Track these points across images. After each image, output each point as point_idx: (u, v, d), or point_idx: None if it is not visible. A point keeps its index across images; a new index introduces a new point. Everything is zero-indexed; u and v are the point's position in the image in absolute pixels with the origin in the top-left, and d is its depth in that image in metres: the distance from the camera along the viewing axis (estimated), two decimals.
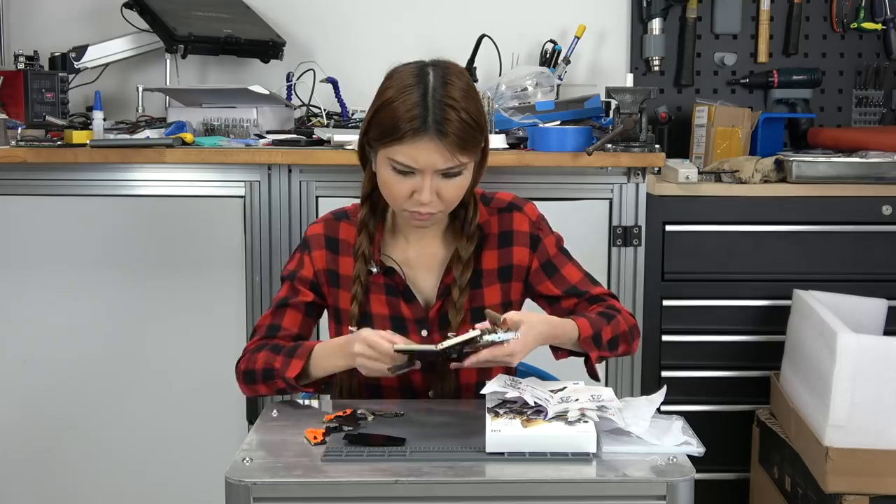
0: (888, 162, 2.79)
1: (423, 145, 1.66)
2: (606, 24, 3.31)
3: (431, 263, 1.85)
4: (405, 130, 1.66)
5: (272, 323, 1.85)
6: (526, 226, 1.87)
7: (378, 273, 1.83)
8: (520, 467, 1.44)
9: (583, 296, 1.86)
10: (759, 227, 2.81)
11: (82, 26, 3.26)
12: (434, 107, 1.66)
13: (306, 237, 1.90)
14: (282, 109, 2.98)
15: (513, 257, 1.86)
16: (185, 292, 2.76)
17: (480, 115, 1.73)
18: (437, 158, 1.67)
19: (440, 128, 1.66)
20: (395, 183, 1.71)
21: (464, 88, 1.71)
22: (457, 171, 1.71)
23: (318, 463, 1.46)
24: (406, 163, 1.68)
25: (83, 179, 2.72)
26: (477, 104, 1.73)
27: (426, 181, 1.69)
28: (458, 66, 1.76)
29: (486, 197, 1.90)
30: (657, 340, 2.83)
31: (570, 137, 2.67)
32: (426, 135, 1.66)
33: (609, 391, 1.61)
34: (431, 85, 1.68)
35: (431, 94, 1.67)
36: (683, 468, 1.44)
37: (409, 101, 1.67)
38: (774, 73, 3.28)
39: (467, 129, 1.68)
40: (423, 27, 3.30)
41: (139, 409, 2.79)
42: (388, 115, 1.68)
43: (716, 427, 2.74)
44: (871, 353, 2.32)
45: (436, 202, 1.72)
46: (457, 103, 1.67)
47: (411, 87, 1.68)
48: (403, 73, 1.73)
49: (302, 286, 1.86)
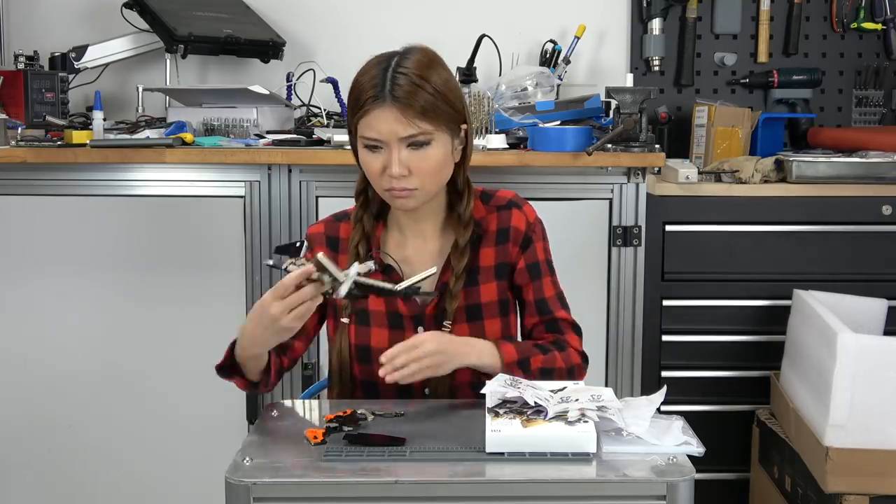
0: (888, 162, 2.80)
1: (382, 114, 1.70)
2: (606, 24, 3.31)
3: (429, 260, 1.85)
4: (364, 100, 1.71)
5: None
6: (522, 224, 1.88)
7: (376, 271, 1.83)
8: (520, 467, 1.44)
9: (546, 315, 1.87)
10: (759, 227, 2.81)
11: (82, 26, 3.26)
12: (391, 78, 1.71)
13: (307, 236, 1.91)
14: (282, 109, 2.98)
15: (507, 255, 1.87)
16: (185, 292, 2.76)
17: (447, 88, 1.75)
18: (397, 126, 1.71)
19: (396, 94, 1.70)
20: (369, 161, 1.76)
21: (425, 62, 1.75)
22: (422, 139, 1.73)
23: (318, 463, 1.46)
24: (372, 136, 1.73)
25: (83, 179, 2.72)
26: (441, 77, 1.75)
27: (394, 152, 1.72)
28: (429, 49, 1.80)
29: (486, 194, 1.90)
30: (657, 340, 2.83)
31: (570, 137, 2.67)
32: (384, 102, 1.70)
33: (609, 391, 1.61)
34: (394, 61, 1.74)
35: (391, 68, 1.72)
36: (683, 468, 1.44)
37: (370, 75, 1.73)
38: (774, 73, 3.28)
39: (426, 95, 1.71)
40: (423, 27, 3.29)
41: (139, 409, 2.79)
42: (353, 92, 1.75)
43: (716, 427, 2.74)
44: (871, 353, 2.33)
45: (409, 177, 1.74)
46: (414, 73, 1.71)
47: (373, 65, 1.75)
48: (374, 56, 1.79)
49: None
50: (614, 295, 2.75)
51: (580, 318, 1.93)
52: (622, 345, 2.76)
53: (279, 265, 1.64)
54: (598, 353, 2.75)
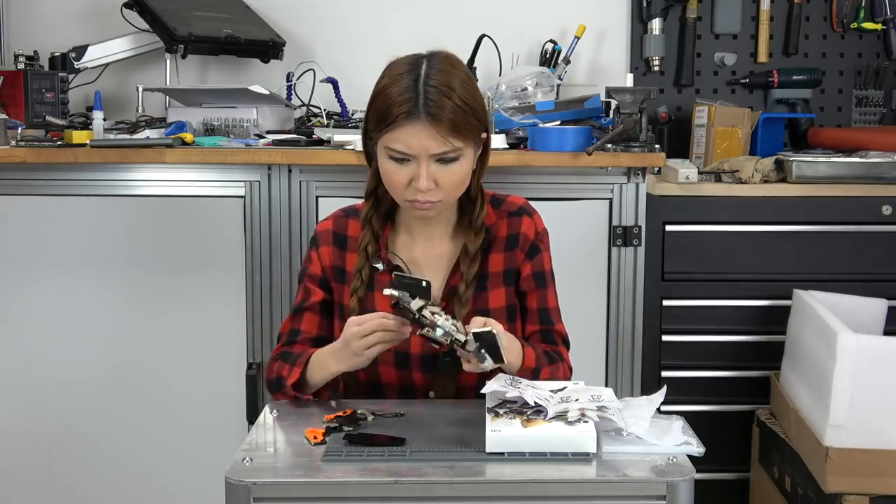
0: (888, 162, 2.79)
1: (415, 129, 1.67)
2: (606, 24, 3.31)
3: (438, 263, 1.85)
4: (396, 115, 1.67)
5: (292, 328, 1.88)
6: (531, 232, 1.87)
7: (384, 271, 1.83)
8: (520, 467, 1.44)
9: (546, 325, 1.88)
10: (759, 227, 2.81)
11: (82, 26, 3.26)
12: (424, 91, 1.67)
13: (316, 233, 1.90)
14: (282, 109, 2.98)
15: (515, 261, 1.87)
16: (185, 292, 2.76)
17: (475, 101, 1.73)
18: (430, 143, 1.68)
19: (430, 111, 1.67)
20: (393, 172, 1.72)
21: (456, 74, 1.72)
22: (452, 156, 1.71)
23: (318, 463, 1.46)
24: (400, 149, 1.69)
25: (83, 179, 2.72)
26: (471, 91, 1.73)
27: (422, 167, 1.69)
28: (453, 56, 1.77)
29: (496, 199, 1.89)
30: (657, 340, 2.83)
31: (570, 137, 2.67)
32: (417, 119, 1.67)
33: (609, 391, 1.61)
34: (424, 71, 1.70)
35: (423, 80, 1.69)
36: (683, 468, 1.44)
37: (400, 87, 1.68)
38: (774, 73, 3.28)
39: (459, 112, 1.68)
40: (423, 27, 3.30)
41: (139, 409, 2.79)
42: (381, 103, 1.70)
43: (716, 427, 2.74)
44: (871, 353, 2.32)
45: (434, 190, 1.72)
46: (447, 87, 1.69)
47: (403, 74, 1.70)
48: (398, 63, 1.75)
49: (312, 284, 1.87)
50: (614, 295, 2.75)
51: (580, 318, 1.94)
52: (622, 345, 2.76)
53: (406, 303, 1.61)
54: (598, 353, 2.75)
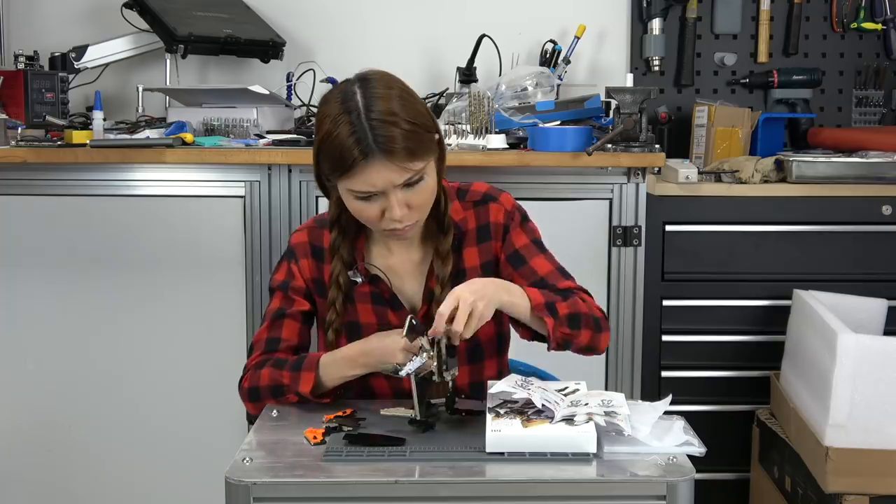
0: (888, 162, 2.80)
1: (373, 168, 1.62)
2: (606, 24, 3.31)
3: (414, 268, 1.83)
4: (350, 160, 1.61)
5: (270, 336, 1.83)
6: (501, 216, 1.83)
7: (364, 282, 1.81)
8: (520, 467, 1.44)
9: (550, 288, 1.80)
10: (759, 227, 2.81)
11: (82, 26, 3.26)
12: (370, 127, 1.61)
13: (291, 246, 1.86)
14: (282, 109, 2.98)
15: (490, 251, 1.84)
16: (185, 292, 2.76)
17: (420, 115, 1.67)
18: (392, 175, 1.63)
19: (383, 147, 1.60)
20: (363, 209, 1.68)
21: (393, 95, 1.65)
22: (417, 178, 1.66)
23: (318, 463, 1.46)
24: (364, 189, 1.65)
25: (83, 179, 2.72)
26: (414, 105, 1.67)
27: (392, 199, 1.65)
28: (385, 75, 1.71)
29: (460, 190, 1.86)
30: (657, 340, 2.83)
31: (570, 137, 2.67)
32: (373, 158, 1.61)
33: (620, 396, 1.59)
34: (362, 105, 1.63)
35: (365, 115, 1.62)
36: (683, 468, 1.44)
37: (345, 130, 1.61)
38: (774, 73, 3.28)
39: (410, 136, 1.62)
40: (423, 27, 3.30)
41: (139, 409, 2.79)
42: (330, 149, 1.64)
43: (716, 427, 2.75)
44: (871, 353, 2.32)
45: (408, 214, 1.68)
46: (391, 115, 1.62)
47: (341, 115, 1.63)
48: (331, 100, 1.68)
49: (297, 295, 1.84)
50: (614, 295, 2.75)
51: None
52: (622, 345, 2.76)
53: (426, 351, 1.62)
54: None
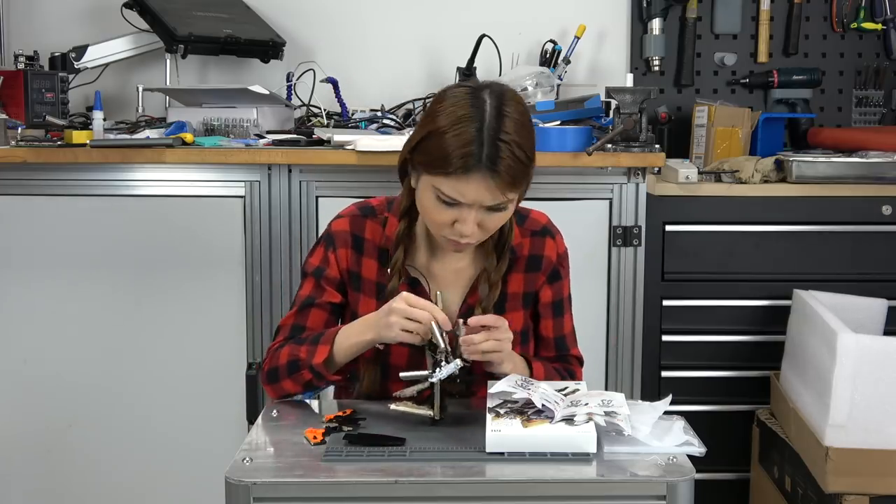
0: (888, 162, 2.80)
1: (472, 182, 1.59)
2: (606, 24, 3.31)
3: (456, 279, 1.80)
4: (456, 165, 1.58)
5: (296, 323, 1.80)
6: (554, 255, 1.84)
7: (402, 282, 1.76)
8: (520, 467, 1.44)
9: (562, 351, 1.86)
10: (759, 227, 2.81)
11: (82, 26, 3.26)
12: (488, 143, 1.58)
13: (332, 233, 1.82)
14: (282, 109, 2.98)
15: (535, 283, 1.83)
16: (186, 292, 2.76)
17: (532, 148, 1.65)
18: (486, 195, 1.61)
19: (493, 166, 1.58)
20: (437, 211, 1.65)
21: (519, 121, 1.62)
22: (503, 206, 1.65)
23: (318, 463, 1.46)
24: (453, 196, 1.61)
25: (83, 179, 2.72)
26: (531, 136, 1.64)
27: (471, 214, 1.63)
28: (514, 93, 1.67)
29: (519, 214, 1.83)
30: (657, 340, 2.83)
31: (570, 137, 2.67)
32: (478, 172, 1.58)
33: (620, 397, 1.59)
34: (488, 116, 1.60)
35: (487, 129, 1.58)
36: (683, 468, 1.44)
37: (463, 136, 1.58)
38: (774, 73, 3.28)
39: (520, 165, 1.60)
40: (423, 27, 3.30)
41: (139, 409, 2.79)
42: (438, 146, 1.60)
43: (716, 427, 2.74)
44: (871, 353, 2.32)
45: (477, 232, 1.66)
46: (511, 139, 1.59)
47: (466, 118, 1.59)
48: (457, 97, 1.63)
49: (329, 286, 1.80)
50: (614, 295, 2.75)
51: (580, 318, 1.94)
52: (622, 345, 2.76)
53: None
54: (598, 353, 2.75)
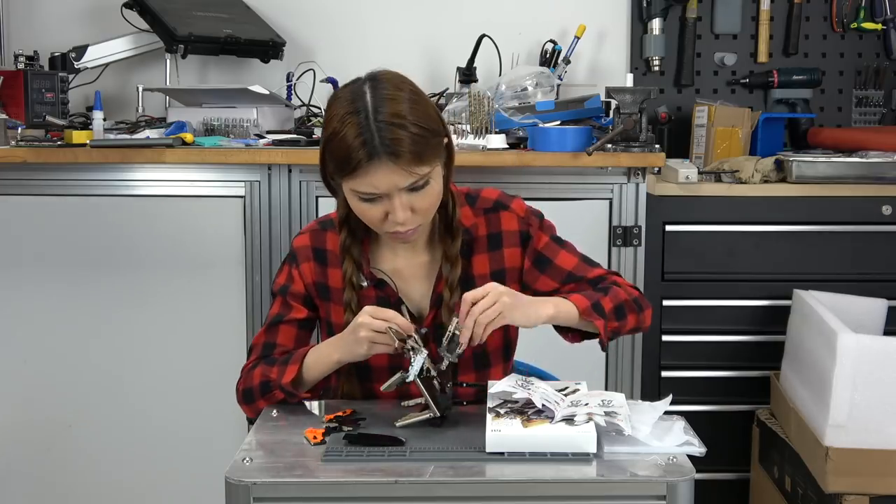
0: (888, 162, 2.80)
1: (378, 170, 1.60)
2: (606, 24, 3.31)
3: (421, 272, 1.82)
4: (356, 161, 1.60)
5: (267, 341, 1.83)
6: (515, 224, 1.83)
7: (369, 286, 1.79)
8: (520, 467, 1.44)
9: (581, 281, 1.82)
10: (759, 227, 2.81)
11: (82, 26, 3.26)
12: (378, 129, 1.60)
13: (293, 249, 1.85)
14: (282, 109, 2.98)
15: (504, 260, 1.83)
16: (185, 292, 2.76)
17: (429, 118, 1.65)
18: (397, 178, 1.62)
19: (390, 149, 1.59)
20: (366, 210, 1.67)
21: (403, 98, 1.64)
22: (422, 182, 1.65)
23: (318, 463, 1.46)
24: (368, 190, 1.64)
25: (83, 179, 2.72)
26: (424, 108, 1.66)
27: (395, 201, 1.64)
28: (396, 76, 1.69)
29: (470, 196, 1.84)
30: (657, 340, 2.83)
31: (570, 137, 2.67)
32: (378, 160, 1.59)
33: (620, 397, 1.59)
34: (369, 104, 1.62)
35: (373, 117, 1.60)
36: (683, 468, 1.43)
37: (352, 130, 1.60)
38: (774, 73, 3.28)
39: (417, 139, 1.61)
40: (423, 27, 3.30)
41: (138, 409, 2.79)
42: (337, 149, 1.62)
43: (716, 427, 2.75)
44: (871, 353, 2.33)
45: (411, 217, 1.67)
46: (399, 118, 1.61)
47: (351, 114, 1.62)
48: (340, 100, 1.66)
49: (295, 302, 1.83)
50: None
51: None
52: (622, 345, 2.76)
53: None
54: (598, 353, 2.72)
